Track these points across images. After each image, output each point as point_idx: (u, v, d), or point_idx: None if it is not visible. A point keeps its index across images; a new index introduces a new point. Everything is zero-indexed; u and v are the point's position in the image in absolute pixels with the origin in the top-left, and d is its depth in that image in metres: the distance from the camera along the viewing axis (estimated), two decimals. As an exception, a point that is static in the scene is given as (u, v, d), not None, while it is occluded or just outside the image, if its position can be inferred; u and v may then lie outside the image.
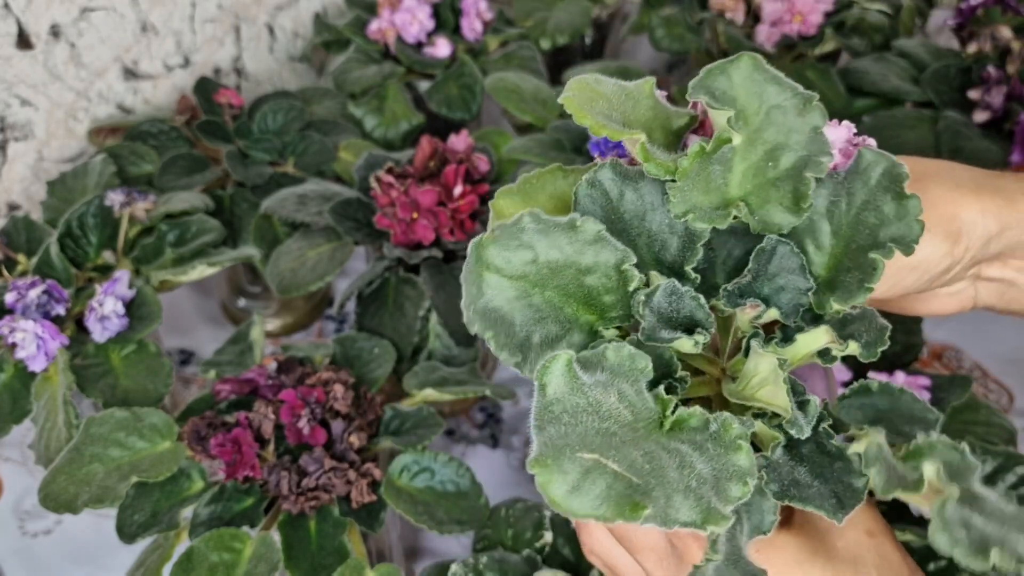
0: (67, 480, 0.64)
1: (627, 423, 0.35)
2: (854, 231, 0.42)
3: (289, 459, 0.66)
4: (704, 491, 0.33)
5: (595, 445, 0.33)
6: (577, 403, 0.35)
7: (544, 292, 0.40)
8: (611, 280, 0.40)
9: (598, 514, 0.32)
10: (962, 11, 0.93)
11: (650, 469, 0.34)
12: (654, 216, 0.43)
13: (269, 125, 0.94)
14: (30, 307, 0.70)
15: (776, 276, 0.42)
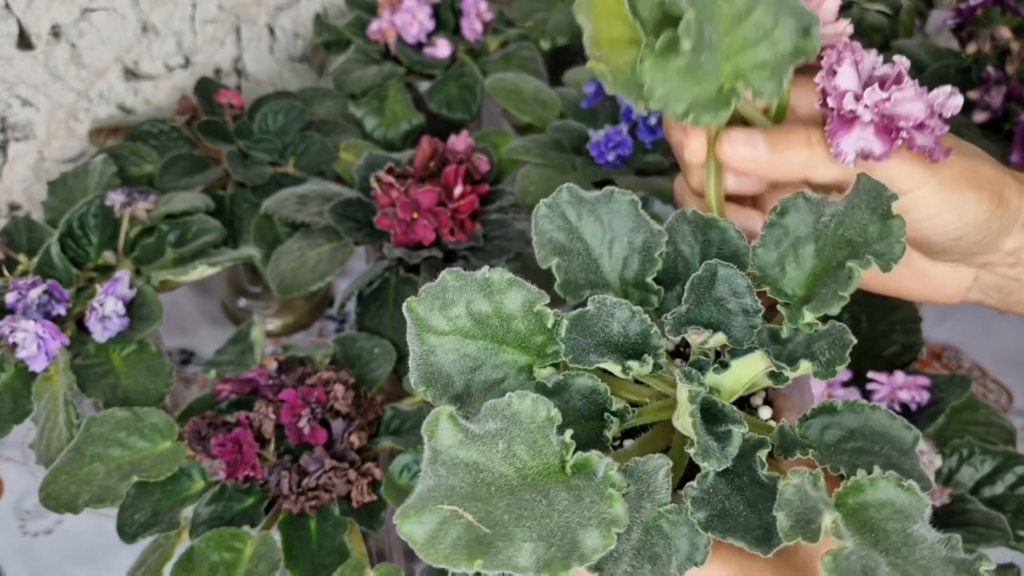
0: (68, 480, 0.64)
1: (507, 473, 0.36)
2: (836, 250, 0.42)
3: (289, 459, 0.66)
4: (558, 539, 0.34)
5: (460, 496, 0.35)
6: (457, 456, 0.36)
7: (477, 341, 0.41)
8: (533, 322, 0.41)
9: (448, 562, 0.35)
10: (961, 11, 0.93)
11: (509, 519, 0.34)
12: (614, 235, 0.45)
13: (270, 125, 0.94)
14: (31, 307, 0.71)
15: (723, 300, 0.42)
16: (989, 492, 0.67)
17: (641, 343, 0.41)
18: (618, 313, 0.41)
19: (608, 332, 0.41)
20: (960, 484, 0.68)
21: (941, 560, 0.34)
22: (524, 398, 0.37)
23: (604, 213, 0.45)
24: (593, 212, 0.46)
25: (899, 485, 0.36)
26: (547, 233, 0.46)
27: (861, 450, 0.39)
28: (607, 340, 0.41)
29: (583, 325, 0.41)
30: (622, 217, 0.45)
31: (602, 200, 0.46)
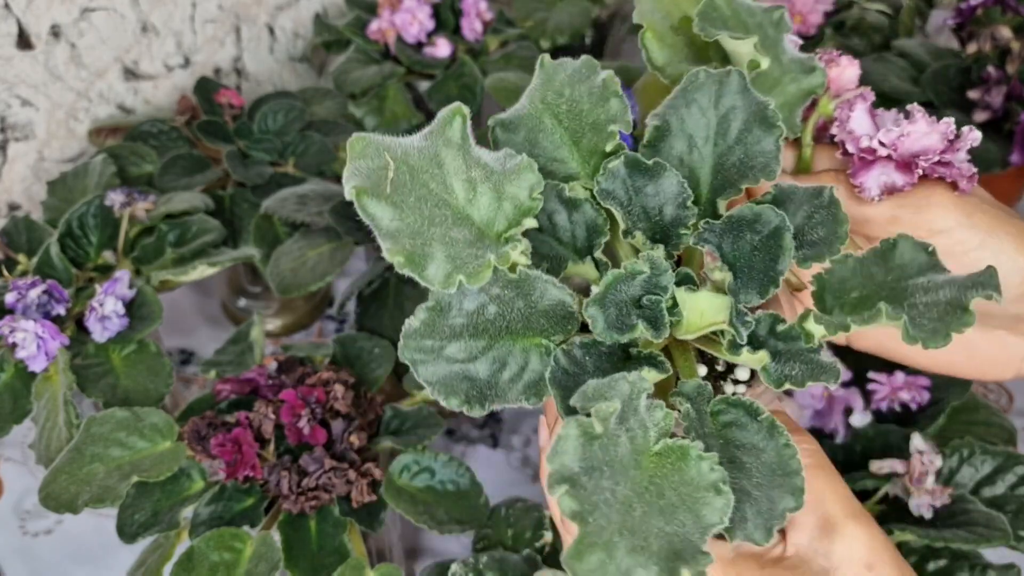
0: (68, 480, 0.64)
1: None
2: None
3: (289, 459, 0.66)
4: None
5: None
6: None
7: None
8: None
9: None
10: (962, 11, 0.93)
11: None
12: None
13: (269, 125, 0.94)
14: (30, 307, 0.71)
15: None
16: (989, 492, 0.67)
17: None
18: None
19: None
20: (960, 484, 0.68)
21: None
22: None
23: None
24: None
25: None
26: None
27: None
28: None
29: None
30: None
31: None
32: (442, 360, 0.39)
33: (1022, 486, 0.67)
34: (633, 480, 0.34)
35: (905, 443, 0.67)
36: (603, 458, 0.33)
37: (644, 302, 0.40)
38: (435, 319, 0.39)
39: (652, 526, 0.32)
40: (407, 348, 0.39)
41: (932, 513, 0.64)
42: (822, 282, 0.40)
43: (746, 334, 0.39)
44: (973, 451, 0.68)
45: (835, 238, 0.41)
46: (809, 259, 0.41)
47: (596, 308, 0.39)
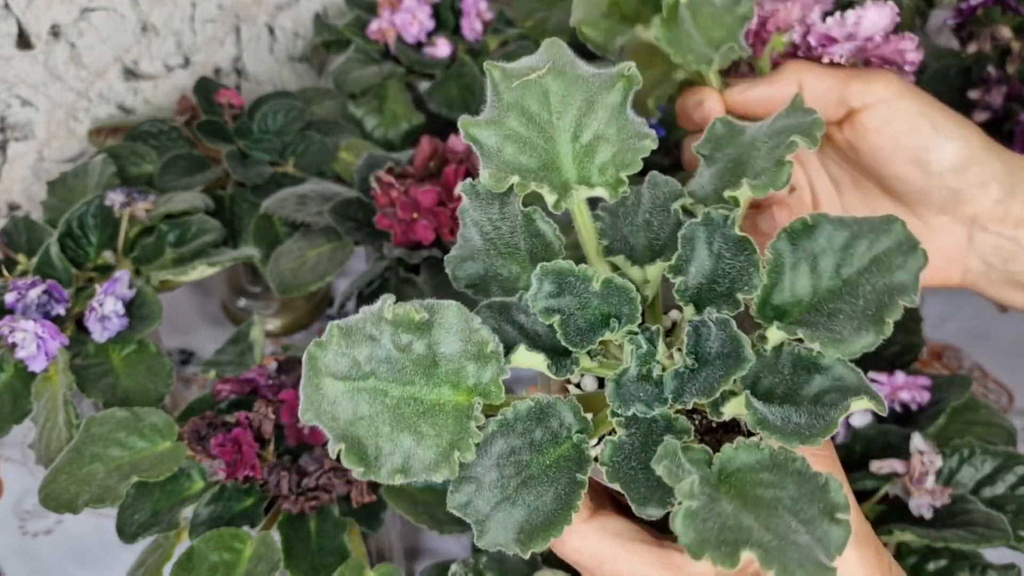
0: (67, 480, 0.64)
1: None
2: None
3: (289, 459, 0.66)
4: None
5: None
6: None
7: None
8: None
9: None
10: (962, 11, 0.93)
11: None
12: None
13: (269, 125, 0.94)
14: (30, 307, 0.71)
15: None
16: (990, 492, 0.67)
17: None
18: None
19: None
20: (961, 484, 0.68)
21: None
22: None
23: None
24: None
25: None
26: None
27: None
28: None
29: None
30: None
31: None
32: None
33: (1022, 486, 0.67)
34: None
35: (905, 443, 0.67)
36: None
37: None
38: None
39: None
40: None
41: (932, 513, 0.64)
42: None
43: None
44: (973, 451, 0.68)
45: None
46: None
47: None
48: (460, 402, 0.40)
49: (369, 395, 0.39)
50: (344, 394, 0.38)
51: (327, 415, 0.38)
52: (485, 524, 0.39)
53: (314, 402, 0.38)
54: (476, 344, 0.39)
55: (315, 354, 0.39)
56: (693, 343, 0.40)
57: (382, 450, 0.38)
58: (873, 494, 0.67)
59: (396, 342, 0.39)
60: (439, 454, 0.38)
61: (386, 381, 0.39)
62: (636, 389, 0.40)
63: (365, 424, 0.38)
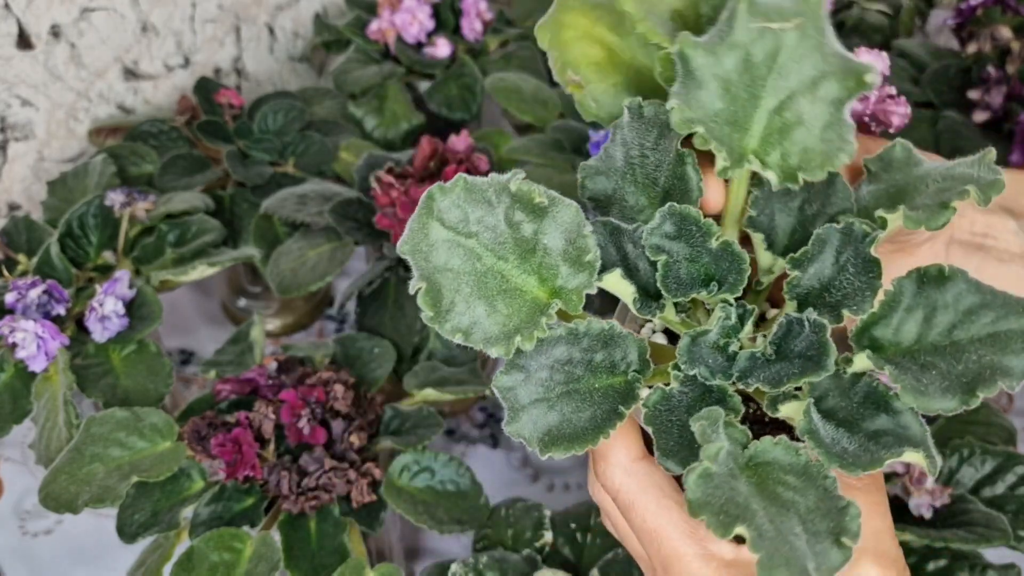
0: (68, 480, 0.64)
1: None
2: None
3: (289, 459, 0.66)
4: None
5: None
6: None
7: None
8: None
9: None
10: (962, 11, 0.93)
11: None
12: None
13: (269, 125, 0.94)
14: (30, 307, 0.71)
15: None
16: (989, 492, 0.67)
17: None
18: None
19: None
20: (960, 484, 0.68)
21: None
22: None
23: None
24: None
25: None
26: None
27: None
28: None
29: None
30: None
31: None
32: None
33: (1022, 486, 0.67)
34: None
35: (905, 443, 0.67)
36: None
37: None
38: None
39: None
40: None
41: (932, 513, 0.64)
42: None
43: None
44: (973, 451, 0.68)
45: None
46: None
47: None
48: (539, 296, 0.40)
49: (465, 252, 0.40)
50: (444, 242, 0.39)
51: (421, 254, 0.39)
52: (519, 414, 0.39)
53: (416, 239, 0.39)
54: (578, 249, 0.40)
55: (435, 195, 0.39)
56: (781, 335, 0.40)
57: (455, 305, 0.39)
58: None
59: (509, 216, 0.40)
60: (503, 332, 0.39)
61: (485, 248, 0.40)
62: (708, 354, 0.40)
63: (451, 276, 0.39)
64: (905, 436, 0.37)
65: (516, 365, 0.40)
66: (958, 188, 0.40)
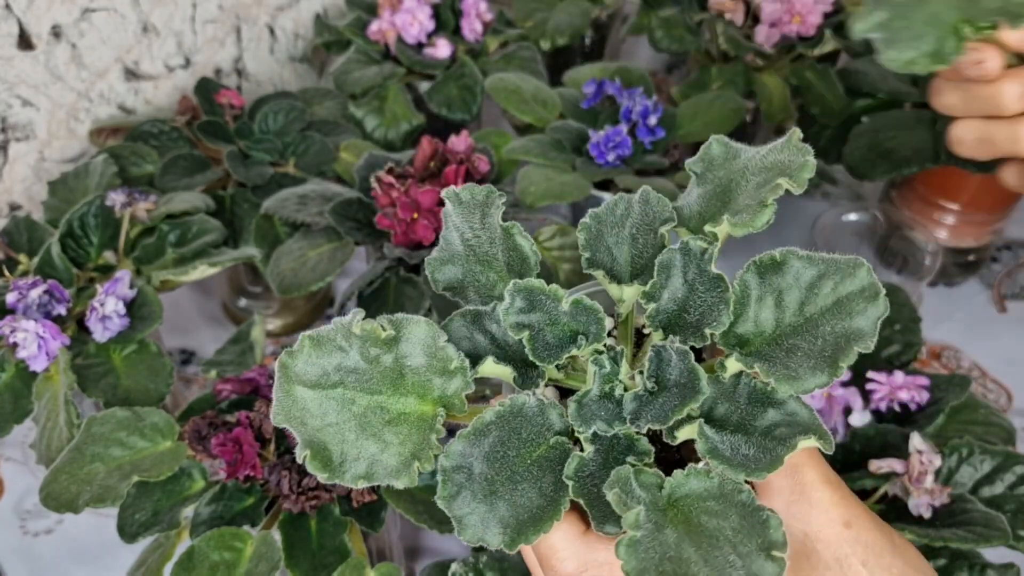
0: (68, 479, 0.64)
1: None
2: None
3: (290, 458, 0.67)
4: None
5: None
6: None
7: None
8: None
9: None
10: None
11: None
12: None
13: (270, 125, 0.94)
14: (31, 307, 0.71)
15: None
16: (989, 492, 0.67)
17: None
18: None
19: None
20: (960, 484, 0.68)
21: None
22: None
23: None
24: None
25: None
26: None
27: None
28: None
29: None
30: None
31: None
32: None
33: (1021, 486, 0.67)
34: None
35: (904, 443, 0.67)
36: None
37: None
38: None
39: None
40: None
41: (931, 513, 0.64)
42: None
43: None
44: (972, 451, 0.68)
45: None
46: None
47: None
48: (425, 412, 0.41)
49: (337, 403, 0.40)
50: (313, 401, 0.40)
51: (296, 420, 0.40)
52: (466, 519, 0.39)
53: (285, 407, 0.40)
54: (441, 360, 0.41)
55: (286, 362, 0.40)
56: (655, 368, 0.41)
57: (347, 456, 0.39)
58: (872, 493, 0.67)
59: (364, 354, 0.41)
60: (401, 462, 0.40)
61: (354, 390, 0.40)
62: (598, 408, 0.41)
63: (332, 431, 0.40)
64: (795, 423, 0.38)
65: (458, 469, 0.40)
66: (772, 182, 0.41)
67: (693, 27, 1.05)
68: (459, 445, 0.40)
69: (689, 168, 0.46)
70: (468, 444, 0.40)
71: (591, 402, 0.41)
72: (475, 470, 0.40)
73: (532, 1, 1.10)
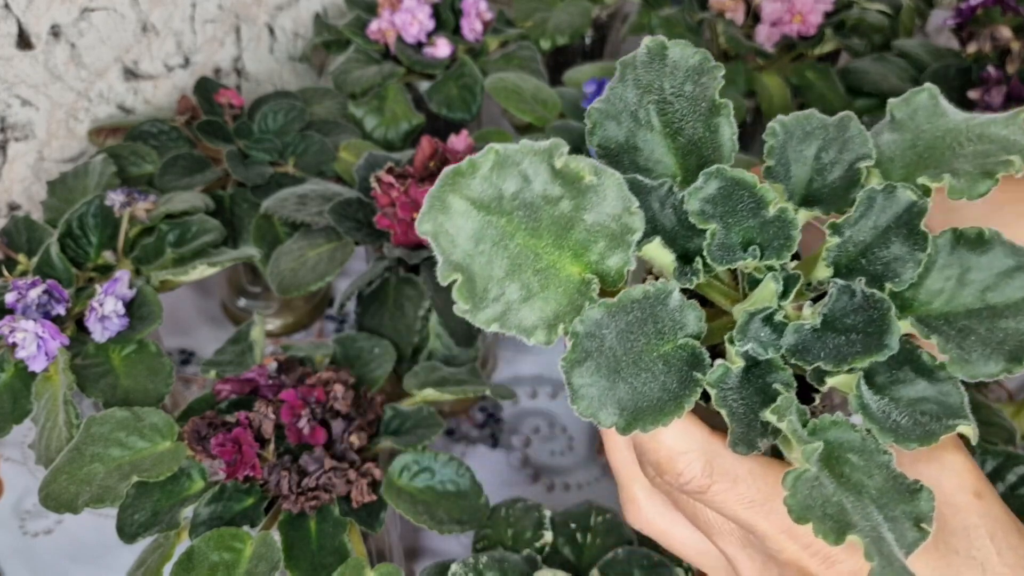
0: (68, 480, 0.64)
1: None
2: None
3: (289, 459, 0.66)
4: None
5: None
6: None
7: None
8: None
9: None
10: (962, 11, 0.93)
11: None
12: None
13: (269, 125, 0.94)
14: (30, 307, 0.71)
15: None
16: (989, 492, 0.67)
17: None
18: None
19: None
20: (960, 484, 0.68)
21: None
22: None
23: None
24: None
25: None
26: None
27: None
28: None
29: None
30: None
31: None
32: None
33: (1022, 486, 0.67)
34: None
35: (905, 443, 0.67)
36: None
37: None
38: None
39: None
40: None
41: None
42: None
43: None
44: (973, 451, 0.68)
45: None
46: None
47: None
48: (574, 273, 0.37)
49: (497, 233, 0.36)
50: (472, 221, 0.36)
51: (447, 237, 0.35)
52: (584, 390, 0.36)
53: (438, 220, 0.35)
54: (622, 226, 0.37)
55: (463, 170, 0.36)
56: (833, 305, 0.38)
57: (489, 293, 0.36)
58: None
59: (548, 191, 0.36)
60: (541, 318, 0.36)
61: (517, 226, 0.36)
62: (759, 327, 0.38)
63: (483, 261, 0.36)
64: (944, 404, 0.36)
65: (590, 336, 0.36)
66: (1000, 157, 0.38)
67: (693, 26, 1.05)
68: (599, 313, 0.36)
69: (890, 109, 0.42)
70: (609, 315, 0.36)
71: (758, 319, 0.38)
72: (607, 343, 0.36)
73: (532, 0, 1.10)
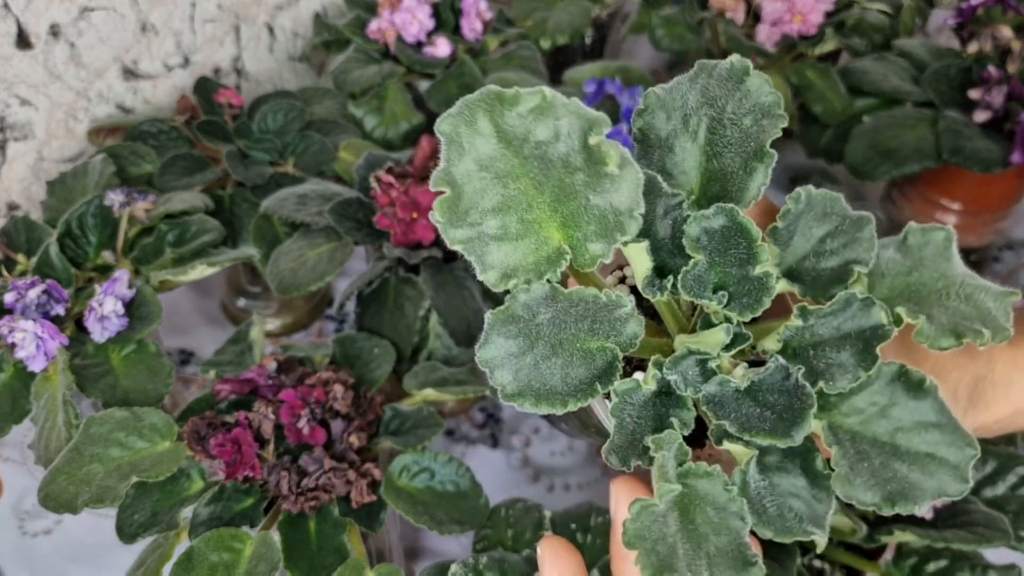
0: (67, 480, 0.64)
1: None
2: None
3: (289, 459, 0.66)
4: None
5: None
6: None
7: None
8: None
9: None
10: (962, 11, 0.93)
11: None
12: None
13: (269, 125, 0.94)
14: (30, 307, 0.70)
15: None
16: (990, 493, 0.67)
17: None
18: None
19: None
20: (961, 484, 0.67)
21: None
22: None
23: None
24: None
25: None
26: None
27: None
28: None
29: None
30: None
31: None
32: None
33: (1023, 486, 0.67)
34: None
35: (906, 443, 0.67)
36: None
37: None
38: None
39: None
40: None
41: (933, 513, 0.64)
42: None
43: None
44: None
45: None
46: None
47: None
48: (555, 239, 0.37)
49: (505, 167, 0.36)
50: (490, 147, 0.36)
51: (458, 146, 0.35)
52: (496, 354, 0.36)
53: (460, 127, 0.35)
54: (618, 221, 0.37)
55: (506, 98, 0.35)
56: (763, 378, 0.38)
57: (468, 216, 0.36)
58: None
59: (569, 158, 0.36)
60: (502, 263, 0.37)
61: (526, 171, 0.36)
62: (689, 364, 0.38)
63: (478, 185, 0.36)
64: (814, 511, 0.37)
65: (527, 307, 0.36)
66: (975, 324, 0.38)
67: (694, 26, 1.05)
68: (547, 291, 0.36)
69: (907, 231, 0.42)
70: (555, 299, 0.36)
71: (694, 358, 0.38)
72: (539, 318, 0.36)
73: (532, 0, 1.10)
